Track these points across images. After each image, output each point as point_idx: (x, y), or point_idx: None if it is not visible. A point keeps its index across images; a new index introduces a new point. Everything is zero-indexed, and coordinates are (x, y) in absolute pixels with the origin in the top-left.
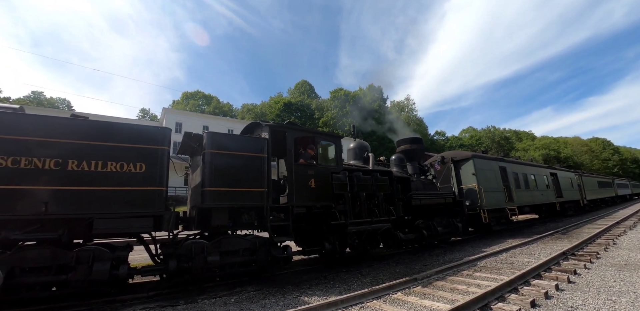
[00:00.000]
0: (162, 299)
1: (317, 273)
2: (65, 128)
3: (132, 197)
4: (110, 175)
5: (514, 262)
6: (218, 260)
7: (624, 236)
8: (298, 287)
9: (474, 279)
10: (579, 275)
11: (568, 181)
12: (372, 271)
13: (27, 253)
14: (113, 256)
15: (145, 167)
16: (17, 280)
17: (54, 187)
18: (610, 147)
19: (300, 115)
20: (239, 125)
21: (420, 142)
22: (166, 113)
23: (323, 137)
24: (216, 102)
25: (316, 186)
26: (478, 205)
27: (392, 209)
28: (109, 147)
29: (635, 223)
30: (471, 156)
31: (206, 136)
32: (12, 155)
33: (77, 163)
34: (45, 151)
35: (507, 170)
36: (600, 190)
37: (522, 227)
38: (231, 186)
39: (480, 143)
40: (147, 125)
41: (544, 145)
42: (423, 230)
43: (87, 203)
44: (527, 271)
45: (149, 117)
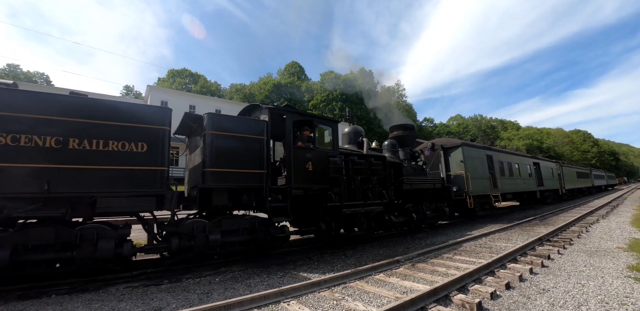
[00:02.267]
0: (146, 278)
1: (302, 254)
2: (65, 106)
3: (134, 176)
4: (112, 154)
5: (492, 246)
6: (219, 239)
7: (596, 224)
8: (283, 268)
9: (454, 262)
10: (553, 260)
11: (549, 171)
12: (355, 253)
13: (30, 231)
14: (116, 234)
15: (147, 146)
16: (22, 257)
17: (55, 165)
18: (590, 140)
19: (289, 97)
20: (227, 105)
21: (413, 129)
22: (151, 91)
23: (321, 121)
24: (203, 81)
25: (313, 169)
26: (465, 191)
27: (385, 193)
28: (110, 126)
29: (607, 213)
30: (460, 144)
31: (207, 117)
32: (11, 133)
33: (78, 141)
34: (46, 129)
35: (493, 159)
36: (579, 181)
37: (503, 214)
38: (231, 167)
39: (467, 131)
40: (149, 105)
41: (528, 135)
42: (413, 213)
43: (90, 182)
44: (504, 255)
45: (133, 94)
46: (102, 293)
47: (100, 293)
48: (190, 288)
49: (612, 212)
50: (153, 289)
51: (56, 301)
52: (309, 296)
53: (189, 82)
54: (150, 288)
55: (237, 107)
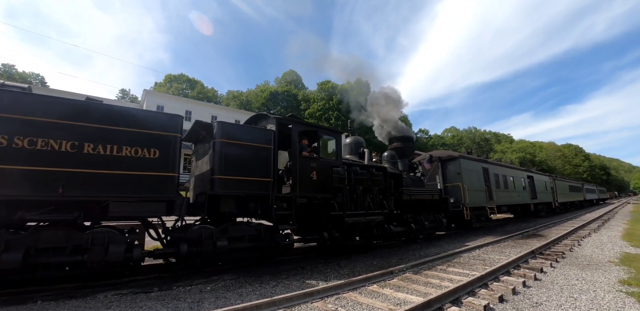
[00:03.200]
0: (135, 285)
1: (295, 264)
2: (82, 111)
3: (145, 181)
4: (125, 160)
5: (485, 259)
6: (227, 245)
7: (588, 238)
8: (275, 277)
9: (448, 274)
10: (545, 273)
11: (543, 184)
12: (349, 263)
13: (42, 234)
14: (127, 239)
15: (159, 153)
16: (34, 260)
17: (70, 169)
18: (582, 154)
19: (286, 105)
20: (223, 112)
21: (412, 141)
22: (147, 95)
23: (325, 131)
24: (200, 87)
25: (317, 178)
26: (461, 203)
27: (385, 203)
28: (124, 131)
29: (599, 227)
30: (458, 156)
31: (217, 125)
32: (28, 136)
33: (92, 146)
34: (62, 133)
35: (489, 171)
36: (571, 194)
37: (497, 226)
38: (239, 175)
39: (461, 143)
40: (161, 112)
41: (521, 148)
42: (412, 223)
43: (103, 187)
44: (497, 268)
45: (129, 98)
46: (89, 300)
47: (88, 300)
48: (181, 297)
49: (603, 226)
50: (142, 297)
51: (41, 307)
52: (301, 306)
53: (185, 87)
54: (139, 295)
55: (233, 114)
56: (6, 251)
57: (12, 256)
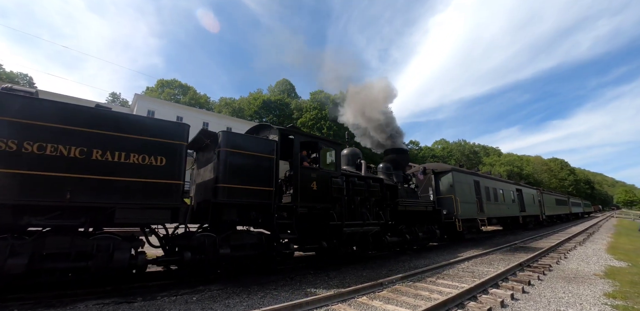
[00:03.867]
0: (118, 294)
1: (284, 274)
2: (91, 118)
3: (152, 188)
4: (132, 167)
5: (474, 271)
6: (229, 253)
7: (574, 251)
8: (263, 288)
9: (437, 286)
10: (533, 286)
11: (531, 197)
12: (339, 274)
13: (48, 239)
14: (131, 246)
15: (166, 160)
16: (39, 265)
17: (78, 174)
18: (567, 168)
19: (278, 113)
20: (215, 118)
21: (406, 153)
22: (138, 99)
23: (326, 143)
24: (193, 93)
25: (317, 188)
26: (454, 215)
27: (381, 214)
28: (132, 139)
29: (584, 240)
30: (450, 169)
31: (222, 135)
32: (38, 141)
33: (101, 153)
34: (71, 139)
35: (480, 184)
36: (558, 207)
37: (486, 238)
38: (243, 184)
39: (451, 155)
40: (168, 120)
41: (508, 161)
42: (406, 234)
43: (110, 193)
44: (486, 280)
45: (119, 102)
46: (68, 309)
47: (67, 309)
48: (165, 307)
49: (588, 239)
50: (125, 307)
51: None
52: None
53: (177, 93)
54: (122, 305)
55: (225, 121)
56: (12, 256)
57: (18, 261)
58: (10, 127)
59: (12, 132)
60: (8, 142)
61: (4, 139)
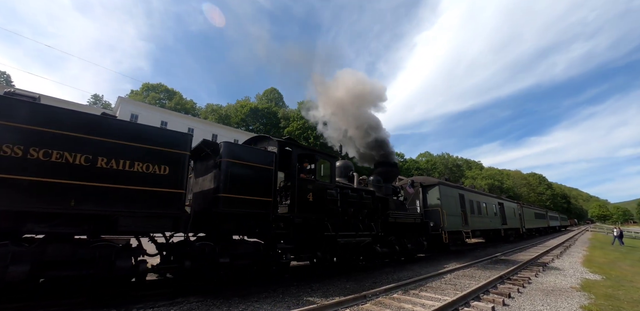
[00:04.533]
0: (92, 306)
1: (266, 286)
2: (97, 126)
3: (155, 197)
4: (136, 175)
5: (457, 283)
6: (228, 262)
7: (552, 264)
8: (245, 300)
9: (420, 298)
10: (513, 298)
11: (512, 210)
12: (322, 286)
13: (49, 247)
14: (133, 254)
15: (169, 169)
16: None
17: (83, 182)
18: (545, 183)
19: (265, 122)
20: (200, 125)
21: (396, 166)
22: (122, 102)
23: (322, 155)
24: (179, 98)
25: (313, 199)
26: (441, 227)
27: (373, 225)
28: (137, 147)
29: (561, 253)
30: (438, 183)
31: (223, 145)
32: (44, 148)
33: (106, 160)
34: (77, 146)
35: (465, 197)
36: (537, 221)
37: (467, 250)
38: (243, 194)
39: (435, 168)
40: (173, 130)
41: (490, 175)
42: (396, 245)
43: (114, 201)
44: (468, 293)
45: (101, 104)
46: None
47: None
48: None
49: (565, 252)
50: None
51: None
52: None
53: (163, 97)
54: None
55: (211, 127)
56: (13, 264)
57: (19, 268)
58: (17, 133)
59: (18, 138)
60: (14, 147)
61: (10, 145)
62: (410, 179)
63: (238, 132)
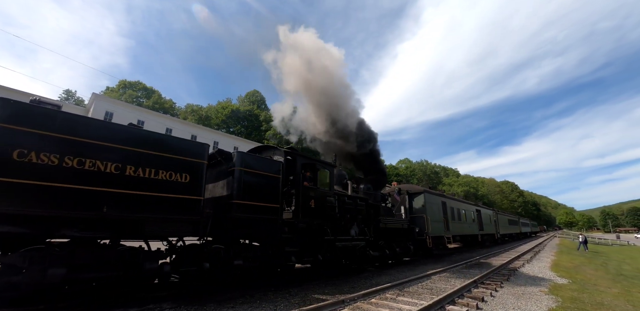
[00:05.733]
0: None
1: (243, 291)
2: (126, 136)
3: (177, 203)
4: (161, 183)
5: (433, 288)
6: (242, 264)
7: (522, 268)
8: (220, 306)
9: (397, 303)
10: (486, 302)
11: (488, 217)
12: (301, 291)
13: (79, 250)
14: (158, 256)
15: (189, 177)
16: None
17: (113, 189)
18: (517, 190)
19: (247, 124)
20: (179, 125)
21: (385, 175)
22: (96, 99)
23: (322, 164)
24: (157, 97)
25: (315, 206)
26: (425, 232)
27: (366, 230)
28: (161, 156)
29: (531, 258)
30: (423, 191)
31: (236, 155)
32: (78, 157)
33: (134, 169)
34: (108, 155)
35: (446, 205)
36: (510, 227)
37: (445, 255)
38: (254, 200)
39: (413, 174)
40: (192, 140)
41: (466, 182)
42: (386, 249)
43: (141, 207)
44: (444, 297)
45: (74, 100)
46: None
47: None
48: None
49: (535, 257)
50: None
51: None
52: None
53: (141, 95)
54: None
55: (190, 128)
56: (52, 267)
57: (57, 271)
58: (53, 142)
59: (54, 147)
60: (50, 156)
61: (47, 153)
62: (397, 187)
63: (218, 133)
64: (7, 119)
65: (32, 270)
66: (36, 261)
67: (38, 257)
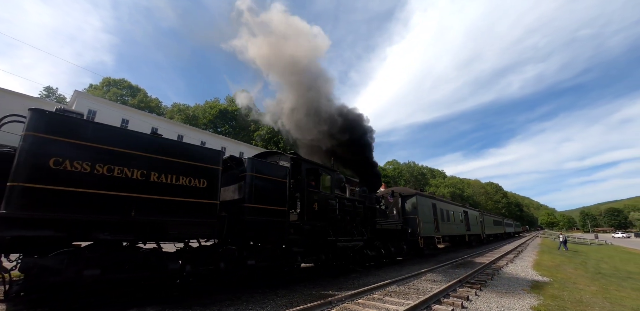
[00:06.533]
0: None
1: (230, 294)
2: (149, 144)
3: (196, 207)
4: (182, 188)
5: (419, 288)
6: (254, 264)
7: (505, 267)
8: (206, 308)
9: (384, 303)
10: (471, 301)
11: (475, 218)
12: (288, 293)
13: (113, 252)
14: (180, 258)
15: (207, 182)
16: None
17: (140, 194)
18: (501, 191)
19: (235, 124)
20: (165, 124)
21: (379, 178)
22: (78, 97)
23: (324, 169)
24: (143, 96)
25: (318, 209)
26: (417, 233)
27: (364, 231)
28: (181, 163)
29: (514, 257)
30: (415, 193)
31: (248, 161)
32: (108, 164)
33: (157, 175)
34: (134, 162)
35: (436, 206)
36: (495, 227)
37: (432, 255)
38: (263, 204)
39: (401, 175)
40: (208, 147)
41: (452, 183)
42: (382, 249)
43: (164, 211)
44: (430, 297)
45: (54, 97)
46: None
47: None
48: None
49: (518, 257)
50: None
51: None
52: None
53: (125, 94)
54: None
55: (176, 127)
56: (87, 268)
57: (93, 272)
58: (85, 151)
59: (87, 155)
60: (83, 164)
61: (79, 161)
62: (390, 189)
63: (206, 133)
64: (44, 129)
65: (69, 271)
66: (72, 263)
67: (74, 259)
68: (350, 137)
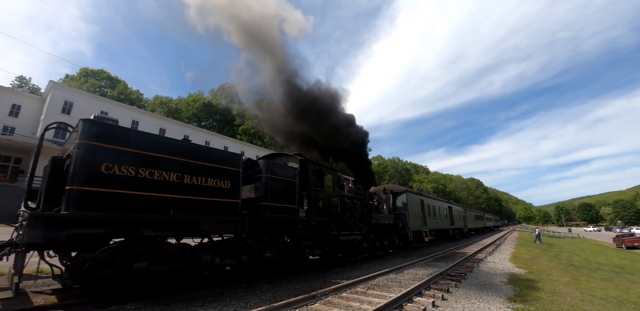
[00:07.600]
0: None
1: (212, 290)
2: (181, 149)
3: (222, 206)
4: (210, 189)
5: (401, 281)
6: (271, 257)
7: (484, 260)
8: (188, 305)
9: (367, 296)
10: (451, 293)
11: (458, 213)
12: (272, 287)
13: (156, 247)
14: (210, 251)
15: (230, 184)
16: (154, 268)
17: (176, 195)
18: (482, 187)
19: (219, 118)
20: (147, 117)
21: (373, 176)
22: (53, 87)
23: (327, 169)
24: (123, 87)
25: (322, 205)
26: (407, 227)
27: (362, 226)
28: (209, 167)
29: (493, 250)
30: (405, 190)
31: (263, 163)
32: (149, 168)
33: (189, 177)
34: (170, 166)
35: (424, 202)
36: (476, 222)
37: (421, 248)
38: (277, 202)
39: (386, 171)
40: (229, 151)
41: (435, 179)
42: (376, 242)
43: (196, 210)
44: (411, 289)
45: (28, 88)
46: None
47: None
48: None
49: (496, 250)
50: None
51: None
52: None
53: (104, 85)
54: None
55: (158, 121)
56: (137, 261)
57: (141, 264)
58: (130, 157)
59: (132, 161)
60: (129, 168)
61: (126, 166)
62: (382, 187)
63: (189, 127)
64: (95, 138)
65: (119, 264)
66: (122, 257)
67: (123, 254)
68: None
